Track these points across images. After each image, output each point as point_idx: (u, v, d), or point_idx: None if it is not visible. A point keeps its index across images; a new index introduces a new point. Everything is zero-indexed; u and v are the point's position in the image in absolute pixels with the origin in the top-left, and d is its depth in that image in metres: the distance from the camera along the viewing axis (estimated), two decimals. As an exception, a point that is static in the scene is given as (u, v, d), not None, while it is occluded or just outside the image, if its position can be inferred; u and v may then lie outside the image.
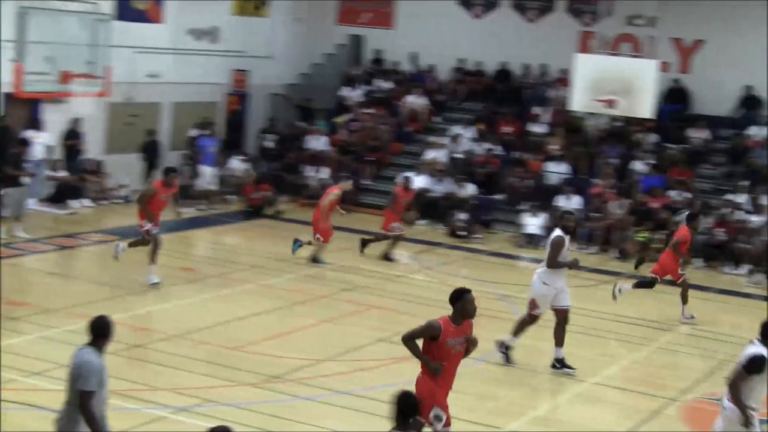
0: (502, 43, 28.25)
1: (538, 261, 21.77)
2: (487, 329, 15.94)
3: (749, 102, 25.73)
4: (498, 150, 25.99)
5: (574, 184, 24.12)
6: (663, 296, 19.00)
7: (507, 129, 26.78)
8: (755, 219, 21.83)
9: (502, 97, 27.86)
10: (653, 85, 21.42)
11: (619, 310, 17.37)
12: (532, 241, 22.84)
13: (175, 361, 13.24)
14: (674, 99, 26.28)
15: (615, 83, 21.48)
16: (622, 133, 25.80)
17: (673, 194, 23.49)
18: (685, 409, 13.02)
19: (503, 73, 28.41)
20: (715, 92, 25.93)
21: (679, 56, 26.67)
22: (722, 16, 25.91)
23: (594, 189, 23.83)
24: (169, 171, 17.05)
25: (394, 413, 7.17)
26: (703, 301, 18.40)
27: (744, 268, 21.36)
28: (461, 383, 13.24)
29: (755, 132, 24.91)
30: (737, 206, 22.39)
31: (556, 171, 24.95)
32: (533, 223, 23.10)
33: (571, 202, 23.49)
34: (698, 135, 25.46)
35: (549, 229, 23.04)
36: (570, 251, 13.85)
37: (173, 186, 16.92)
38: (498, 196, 24.99)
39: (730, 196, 22.94)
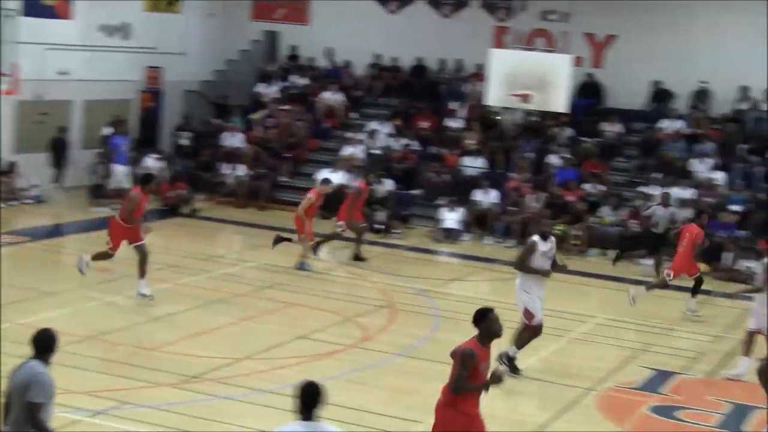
0: (417, 39, 28.30)
1: (455, 255, 22.20)
2: (406, 324, 16.05)
3: (660, 96, 26.17)
4: (415, 145, 26.06)
5: (491, 179, 24.27)
6: (580, 288, 19.24)
7: (424, 124, 26.85)
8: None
9: (419, 93, 27.93)
10: (567, 80, 21.66)
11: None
12: (450, 235, 22.99)
13: (91, 363, 13.01)
14: (588, 93, 26.61)
15: (529, 78, 21.68)
16: (538, 127, 26.05)
17: (588, 187, 23.81)
18: (602, 398, 13.18)
19: (419, 69, 28.49)
20: (627, 86, 26.32)
21: (592, 51, 27.01)
22: (633, 11, 26.30)
23: (510, 183, 24.03)
24: (149, 178, 16.77)
25: (297, 405, 7.16)
26: (616, 292, 18.66)
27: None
28: (379, 378, 13.35)
29: (666, 125, 25.33)
30: (650, 198, 22.72)
31: (473, 165, 25.09)
32: (451, 217, 23.22)
33: (489, 197, 23.69)
34: (611, 129, 25.82)
35: (467, 224, 23.42)
36: (548, 258, 13.46)
37: (151, 193, 16.75)
38: (416, 191, 25.05)
39: (642, 189, 23.30)
